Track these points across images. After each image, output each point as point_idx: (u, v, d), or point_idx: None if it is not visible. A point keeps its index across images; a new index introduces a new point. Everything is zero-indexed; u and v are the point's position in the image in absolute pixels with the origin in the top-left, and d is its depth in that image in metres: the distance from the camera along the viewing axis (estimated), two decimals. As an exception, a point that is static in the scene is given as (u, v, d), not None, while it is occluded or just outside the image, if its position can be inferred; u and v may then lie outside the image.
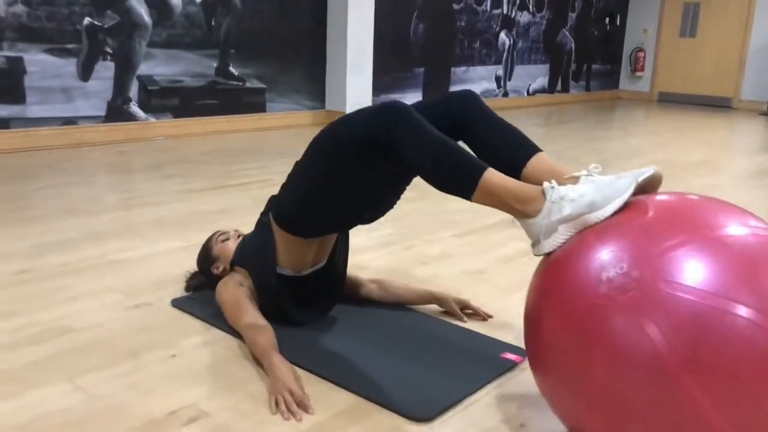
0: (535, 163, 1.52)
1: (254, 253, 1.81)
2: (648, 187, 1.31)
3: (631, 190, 1.24)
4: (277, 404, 1.42)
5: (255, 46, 5.21)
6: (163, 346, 1.70)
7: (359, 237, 2.64)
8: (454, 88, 6.88)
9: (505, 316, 1.95)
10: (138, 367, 1.59)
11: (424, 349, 1.70)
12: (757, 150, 5.16)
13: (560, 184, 1.46)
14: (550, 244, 1.30)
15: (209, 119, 5.03)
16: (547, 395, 1.26)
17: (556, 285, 1.21)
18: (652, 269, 1.07)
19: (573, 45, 8.37)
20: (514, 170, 1.52)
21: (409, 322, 1.86)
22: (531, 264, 2.41)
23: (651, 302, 1.05)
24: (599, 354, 1.10)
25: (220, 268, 1.97)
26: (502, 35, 7.32)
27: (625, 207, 1.23)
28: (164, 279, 2.15)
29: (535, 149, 1.55)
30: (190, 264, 2.26)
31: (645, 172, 1.30)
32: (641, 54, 9.07)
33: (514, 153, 1.55)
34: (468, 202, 2.09)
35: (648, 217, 1.16)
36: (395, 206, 1.82)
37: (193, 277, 2.07)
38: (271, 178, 3.64)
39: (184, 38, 4.78)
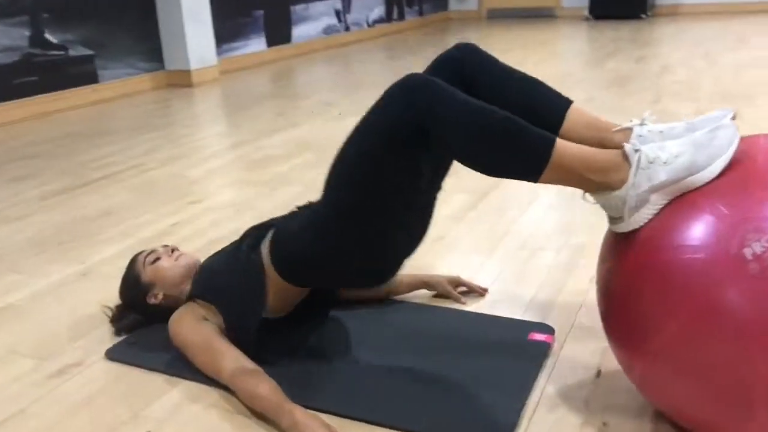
0: (572, 119, 1.28)
1: (233, 294, 1.43)
2: None
3: (737, 142, 1.04)
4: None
5: (72, 6, 4.42)
6: (129, 422, 1.30)
7: (285, 219, 2.29)
8: (296, 29, 6.43)
9: (497, 285, 1.75)
10: (108, 462, 1.20)
11: (445, 351, 1.46)
12: (605, 56, 5.32)
13: (611, 139, 1.25)
14: (640, 218, 1.08)
15: (32, 100, 4.24)
16: (675, 397, 1.05)
17: (672, 267, 1.00)
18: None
19: (402, -31, 8.14)
20: (549, 131, 1.28)
21: (411, 319, 1.60)
22: (483, 219, 2.22)
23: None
24: (762, 347, 0.92)
25: (159, 296, 1.57)
26: (334, -34, 6.91)
27: None
28: (78, 324, 1.69)
29: (566, 101, 1.31)
30: (101, 295, 1.82)
31: (728, 114, 1.12)
32: (466, -28, 9.06)
33: (545, 111, 1.29)
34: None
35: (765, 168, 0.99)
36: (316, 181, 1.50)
37: (121, 314, 1.64)
38: (141, 162, 3.11)
39: (-19, 6, 3.92)
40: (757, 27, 6.46)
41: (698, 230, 0.99)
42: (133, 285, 1.60)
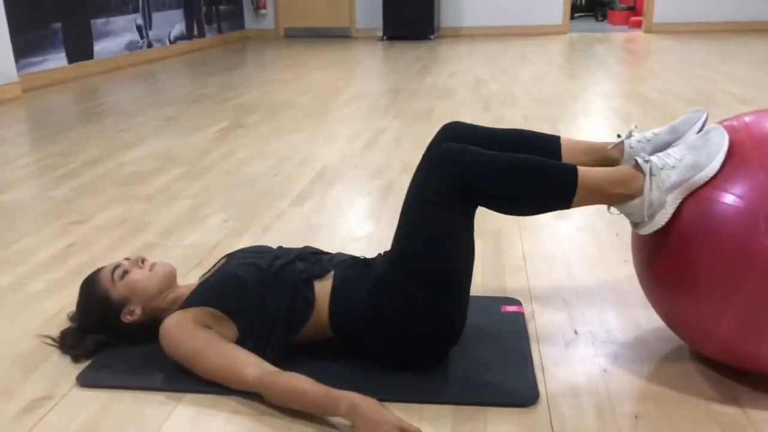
0: (568, 150, 1.46)
1: (265, 319, 1.38)
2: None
3: (727, 138, 1.25)
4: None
5: None
6: (152, 444, 1.20)
7: (194, 235, 2.19)
8: (98, 44, 5.99)
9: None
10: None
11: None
12: (420, 71, 5.72)
13: (610, 157, 1.43)
14: (662, 218, 1.26)
15: None
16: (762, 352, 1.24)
17: (720, 254, 1.19)
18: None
19: (200, -14, 7.97)
20: None
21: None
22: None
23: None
24: None
25: (137, 312, 1.45)
26: (133, -21, 6.56)
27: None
28: (16, 361, 1.48)
29: (555, 137, 1.48)
30: (21, 326, 1.62)
31: (702, 114, 1.35)
32: (261, -9, 9.12)
33: (542, 151, 1.44)
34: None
35: (759, 150, 1.21)
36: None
37: (77, 339, 1.47)
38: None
39: None
40: (530, 47, 7.37)
41: (726, 221, 1.19)
42: (102, 305, 1.45)
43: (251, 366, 1.29)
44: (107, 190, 2.64)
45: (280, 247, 1.55)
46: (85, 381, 1.38)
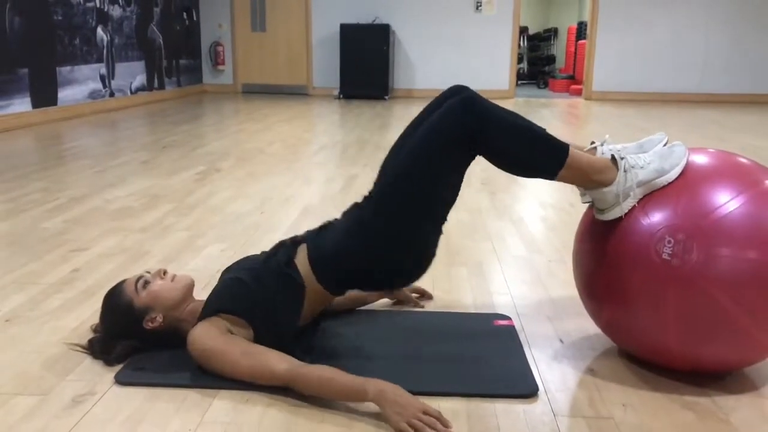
0: None
1: (270, 308, 1.52)
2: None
3: (687, 157, 1.49)
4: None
5: None
6: (198, 429, 1.31)
7: (195, 261, 2.31)
8: (62, 91, 6.05)
9: (439, 294, 2.04)
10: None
11: (442, 341, 1.70)
12: (382, 126, 6.00)
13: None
14: (625, 207, 1.48)
15: None
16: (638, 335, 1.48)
17: (631, 258, 1.46)
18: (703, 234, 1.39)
19: (161, 40, 8.16)
20: None
21: (396, 322, 1.81)
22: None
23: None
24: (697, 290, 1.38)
25: (158, 319, 1.57)
26: (99, 30, 6.70)
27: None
28: (48, 365, 1.57)
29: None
30: (44, 338, 1.71)
31: (664, 137, 1.59)
32: (220, 48, 9.36)
33: None
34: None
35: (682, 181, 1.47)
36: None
37: (107, 345, 1.57)
38: (-34, 217, 2.77)
39: None
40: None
41: (641, 239, 1.45)
42: (126, 312, 1.56)
43: (279, 361, 1.42)
44: (100, 223, 2.73)
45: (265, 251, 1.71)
46: (122, 379, 1.48)
